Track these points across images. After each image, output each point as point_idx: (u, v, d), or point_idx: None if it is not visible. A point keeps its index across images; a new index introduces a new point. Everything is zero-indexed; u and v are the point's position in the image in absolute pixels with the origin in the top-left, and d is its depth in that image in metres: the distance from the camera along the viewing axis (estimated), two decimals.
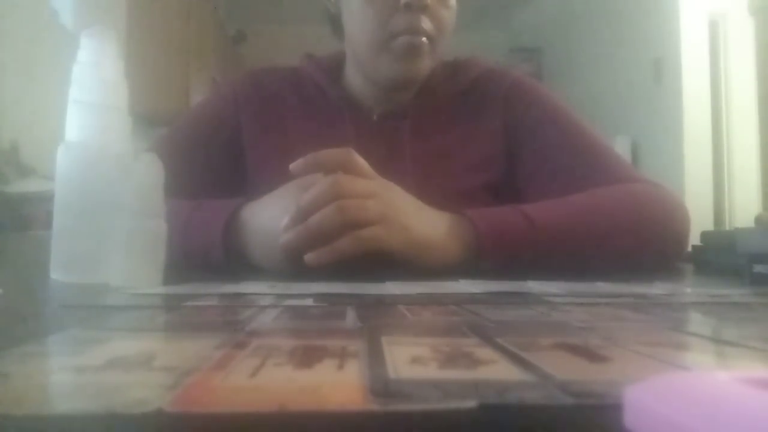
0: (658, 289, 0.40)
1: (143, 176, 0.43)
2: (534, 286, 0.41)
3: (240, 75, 0.86)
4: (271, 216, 0.55)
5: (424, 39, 0.70)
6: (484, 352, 0.18)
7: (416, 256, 0.54)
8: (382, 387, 0.14)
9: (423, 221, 0.56)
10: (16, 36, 2.11)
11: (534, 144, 0.76)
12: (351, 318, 0.26)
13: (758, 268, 0.45)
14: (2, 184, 1.77)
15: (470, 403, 0.13)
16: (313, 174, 0.53)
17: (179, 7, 3.08)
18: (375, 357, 0.18)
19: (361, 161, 0.54)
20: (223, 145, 0.79)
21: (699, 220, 0.99)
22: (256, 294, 0.37)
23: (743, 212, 2.72)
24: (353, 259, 0.50)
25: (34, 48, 2.15)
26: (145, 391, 0.14)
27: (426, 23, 0.69)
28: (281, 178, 0.56)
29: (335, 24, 0.79)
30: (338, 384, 0.15)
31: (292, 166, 0.52)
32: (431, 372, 0.16)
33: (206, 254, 0.57)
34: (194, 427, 0.12)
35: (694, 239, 0.67)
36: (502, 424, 0.13)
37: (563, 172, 0.73)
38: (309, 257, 0.49)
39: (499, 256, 0.55)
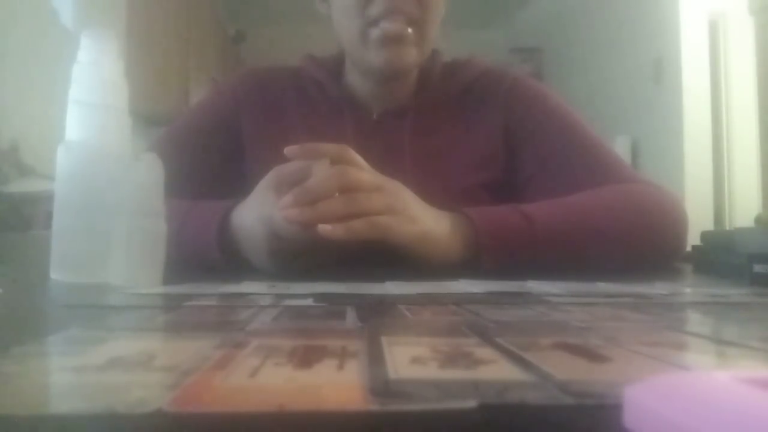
0: (658, 289, 0.40)
1: (143, 176, 0.43)
2: (534, 286, 0.41)
3: (240, 73, 0.86)
4: (249, 220, 0.55)
5: (405, 24, 0.67)
6: (484, 352, 0.18)
7: (422, 250, 0.54)
8: (382, 387, 0.14)
9: (428, 217, 0.56)
10: (16, 36, 2.11)
11: (533, 144, 0.76)
12: (351, 318, 0.26)
13: (758, 268, 0.45)
14: (2, 184, 1.77)
15: (470, 403, 0.13)
16: (288, 169, 0.52)
17: (179, 7, 3.08)
18: (375, 357, 0.18)
19: (358, 158, 0.54)
20: (223, 143, 0.78)
21: (699, 220, 0.99)
22: (256, 294, 0.37)
23: (743, 212, 2.71)
24: (355, 251, 0.50)
25: (34, 48, 2.15)
26: (145, 391, 0.14)
27: (407, 4, 0.66)
28: None
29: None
30: (338, 384, 0.15)
31: (287, 150, 0.52)
32: (431, 372, 0.16)
33: (204, 256, 0.58)
34: (194, 427, 0.12)
35: (694, 239, 0.67)
36: (502, 424, 0.13)
37: (562, 173, 0.73)
38: (324, 228, 0.48)
39: (498, 255, 0.55)
